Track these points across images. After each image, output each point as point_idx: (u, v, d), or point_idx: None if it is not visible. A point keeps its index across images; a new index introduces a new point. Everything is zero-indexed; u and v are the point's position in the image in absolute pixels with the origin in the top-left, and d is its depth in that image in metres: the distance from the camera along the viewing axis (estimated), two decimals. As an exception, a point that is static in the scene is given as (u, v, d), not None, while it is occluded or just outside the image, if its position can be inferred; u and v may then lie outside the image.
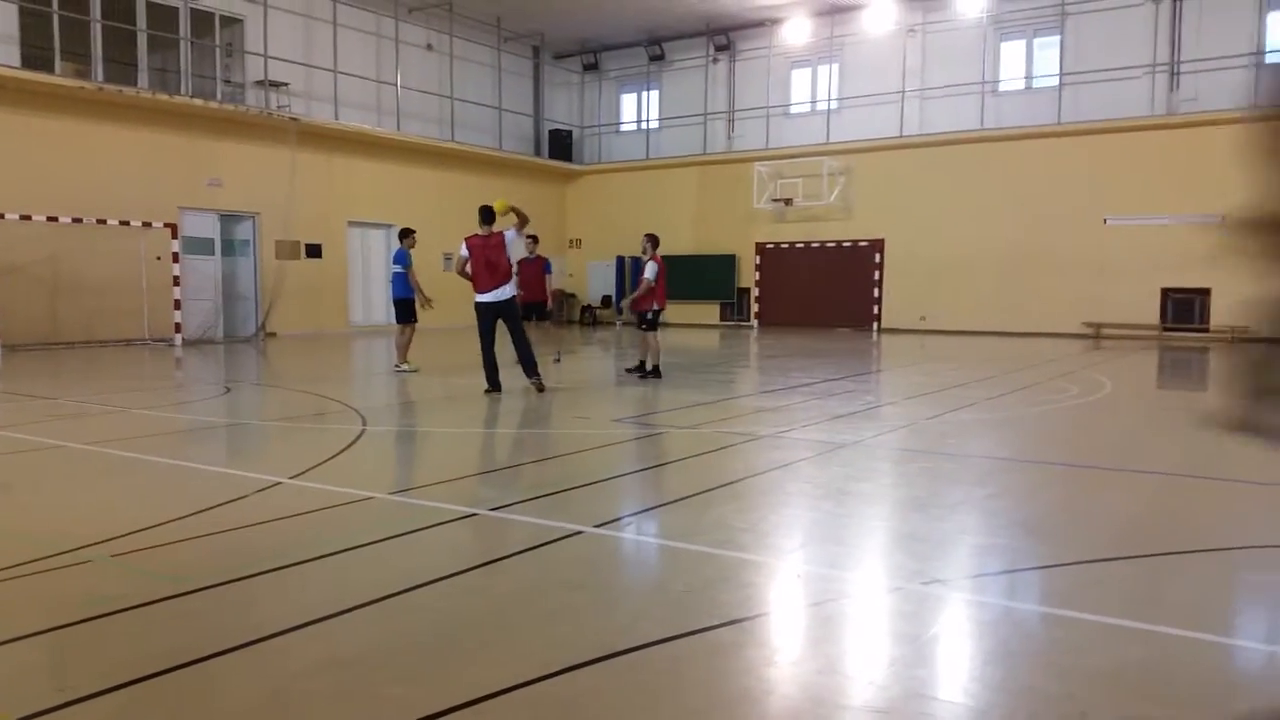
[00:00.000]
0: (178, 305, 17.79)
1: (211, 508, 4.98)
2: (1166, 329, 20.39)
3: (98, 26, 17.69)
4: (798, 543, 4.55)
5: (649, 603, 3.67)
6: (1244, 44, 19.63)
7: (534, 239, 13.52)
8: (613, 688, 2.86)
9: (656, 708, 2.71)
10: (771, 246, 25.39)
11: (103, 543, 4.29)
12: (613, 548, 4.47)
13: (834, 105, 24.65)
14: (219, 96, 19.42)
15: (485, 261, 10.03)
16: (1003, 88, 22.60)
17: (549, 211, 28.04)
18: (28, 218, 15.84)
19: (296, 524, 4.76)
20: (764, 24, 25.03)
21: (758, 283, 25.60)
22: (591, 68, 28.41)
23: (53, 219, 16.16)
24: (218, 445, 7.68)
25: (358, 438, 7.45)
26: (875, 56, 23.83)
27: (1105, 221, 20.81)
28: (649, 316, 11.84)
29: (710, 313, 26.56)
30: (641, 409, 9.46)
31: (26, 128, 16.42)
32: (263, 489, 5.49)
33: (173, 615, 3.45)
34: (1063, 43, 21.66)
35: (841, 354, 16.70)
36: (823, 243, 24.60)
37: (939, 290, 22.80)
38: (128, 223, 17.18)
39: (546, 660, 2.98)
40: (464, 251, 10.12)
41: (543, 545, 4.35)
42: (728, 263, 26.01)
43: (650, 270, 11.69)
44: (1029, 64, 22.44)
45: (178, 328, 17.79)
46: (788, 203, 24.47)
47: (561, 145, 28.04)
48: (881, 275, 23.82)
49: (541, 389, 10.12)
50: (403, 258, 12.80)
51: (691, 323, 26.48)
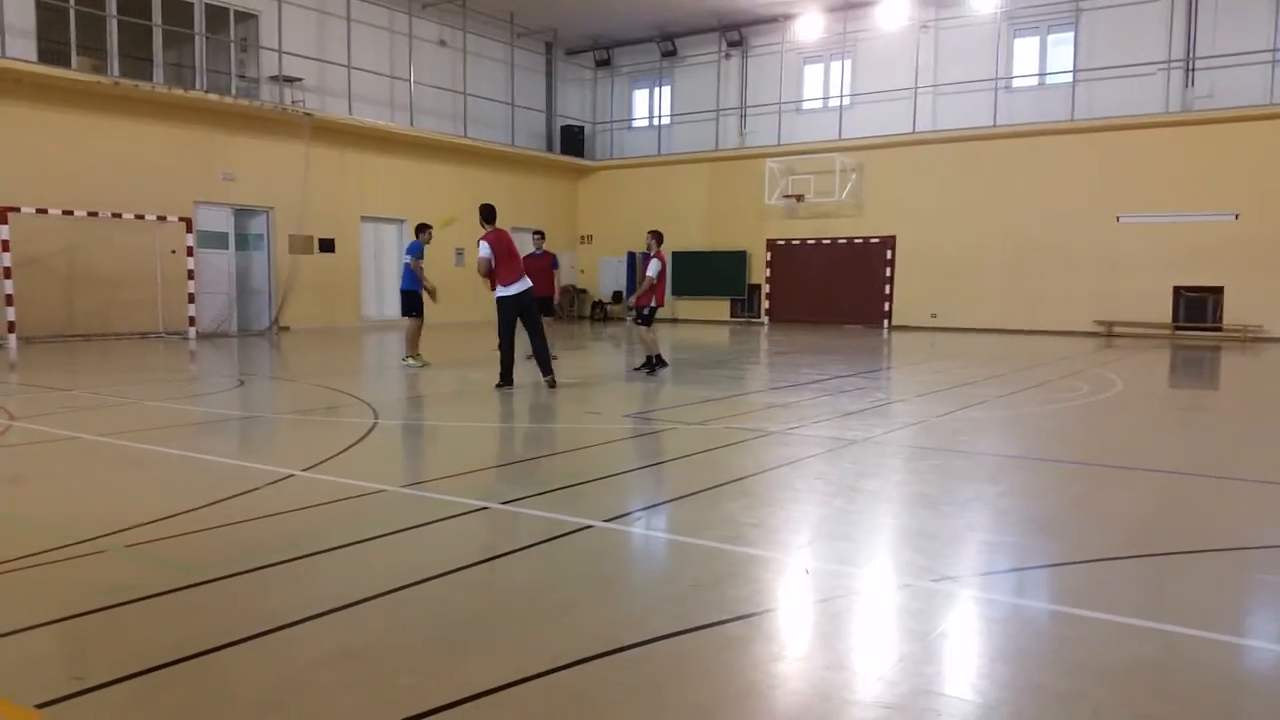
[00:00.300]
0: (192, 299, 17.91)
1: (224, 499, 5.02)
2: (1179, 328, 20.28)
3: (113, 21, 17.77)
4: (807, 539, 4.55)
5: (658, 597, 3.68)
6: (1261, 40, 19.47)
7: (540, 234, 13.53)
8: (621, 681, 2.88)
9: (665, 702, 2.72)
10: (783, 243, 25.34)
11: (117, 533, 4.33)
12: (622, 542, 4.49)
13: (846, 101, 24.57)
14: (234, 91, 19.51)
15: (506, 255, 10.12)
16: (1016, 84, 22.47)
17: (561, 207, 28.07)
18: (44, 211, 15.94)
19: (308, 516, 4.79)
20: (777, 20, 24.97)
21: (769, 279, 25.55)
22: (604, 64, 28.39)
23: (69, 212, 16.27)
24: (231, 438, 7.73)
25: (370, 431, 7.48)
26: (888, 52, 23.73)
27: (1118, 219, 20.70)
28: (645, 312, 11.92)
29: (721, 309, 26.54)
30: (651, 404, 9.48)
31: (44, 122, 16.53)
32: (275, 481, 5.53)
33: (186, 605, 3.48)
34: (1077, 39, 21.54)
35: (852, 351, 16.66)
36: (834, 239, 24.54)
37: (950, 287, 22.72)
38: (143, 216, 17.29)
39: (555, 653, 3.00)
40: (485, 250, 10.06)
41: (553, 539, 4.38)
42: (739, 259, 25.98)
43: (653, 268, 11.75)
44: (1043, 60, 22.32)
45: (192, 321, 17.91)
46: (799, 199, 24.41)
47: (574, 141, 28.02)
48: (893, 272, 23.75)
49: (553, 385, 10.17)
50: (415, 249, 12.84)
51: (702, 319, 26.47)
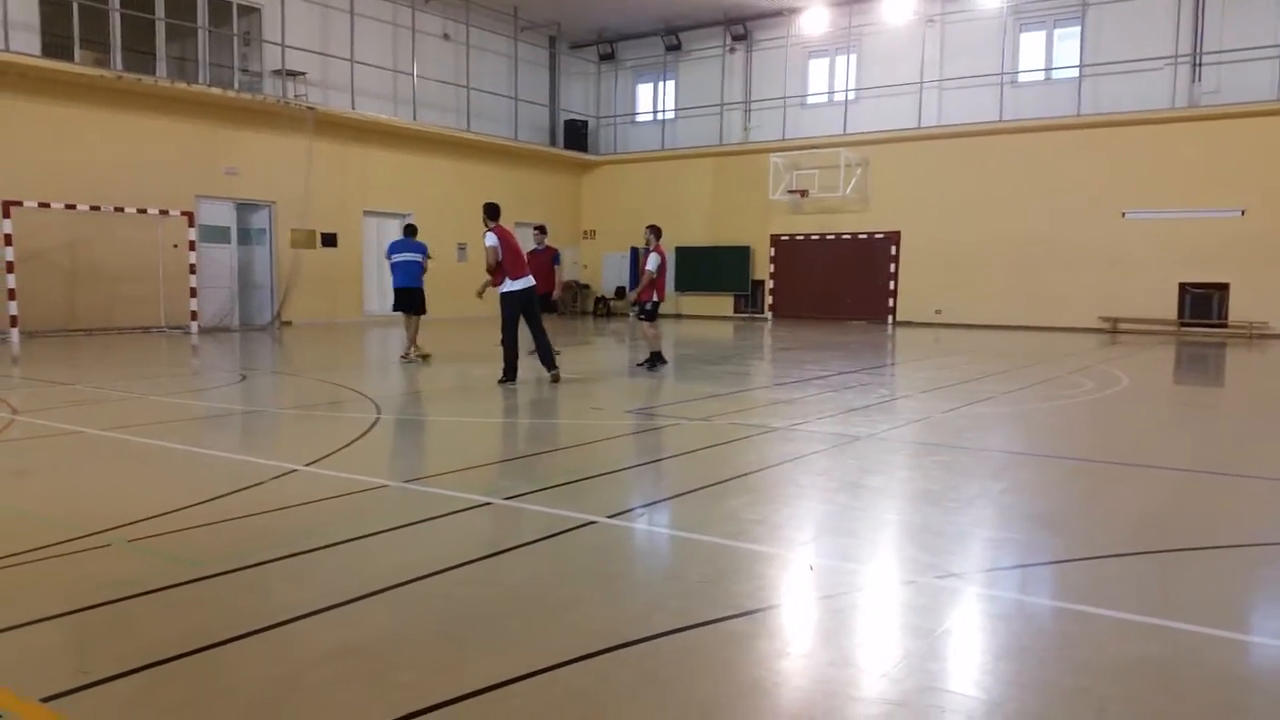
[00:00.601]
0: (194, 293, 17.91)
1: (228, 494, 5.02)
2: (1184, 324, 20.23)
3: (116, 15, 17.74)
4: (811, 535, 4.54)
5: (662, 593, 3.67)
6: (1268, 35, 19.37)
7: (542, 230, 13.52)
8: (625, 677, 2.87)
9: (668, 698, 2.71)
10: (787, 238, 25.30)
11: (121, 527, 4.33)
12: (625, 538, 4.48)
13: (851, 96, 24.49)
14: (236, 85, 19.48)
15: (514, 250, 10.16)
16: (1022, 79, 22.40)
17: (564, 202, 28.03)
18: (46, 205, 15.95)
19: (311, 511, 4.79)
20: (781, 14, 24.90)
21: (772, 275, 25.51)
22: (608, 57, 28.34)
23: (71, 206, 16.27)
24: (234, 432, 7.73)
25: (372, 426, 7.48)
26: (893, 47, 23.67)
27: (1124, 215, 20.64)
28: (648, 307, 11.89)
29: (724, 304, 26.50)
30: (654, 400, 9.47)
31: (46, 116, 16.52)
32: (278, 476, 5.53)
33: (189, 600, 3.48)
34: (1083, 33, 21.45)
35: (856, 347, 16.64)
36: (838, 234, 24.49)
37: (955, 283, 22.67)
38: (145, 211, 17.29)
39: (559, 649, 2.99)
40: (492, 240, 10.07)
41: (556, 535, 4.37)
42: (743, 254, 25.93)
43: (652, 262, 11.72)
44: (1049, 55, 22.24)
45: (194, 315, 17.91)
46: (804, 194, 24.35)
47: (577, 135, 27.97)
48: (897, 268, 23.70)
49: (557, 380, 10.17)
50: (424, 248, 12.95)
51: (706, 314, 26.44)
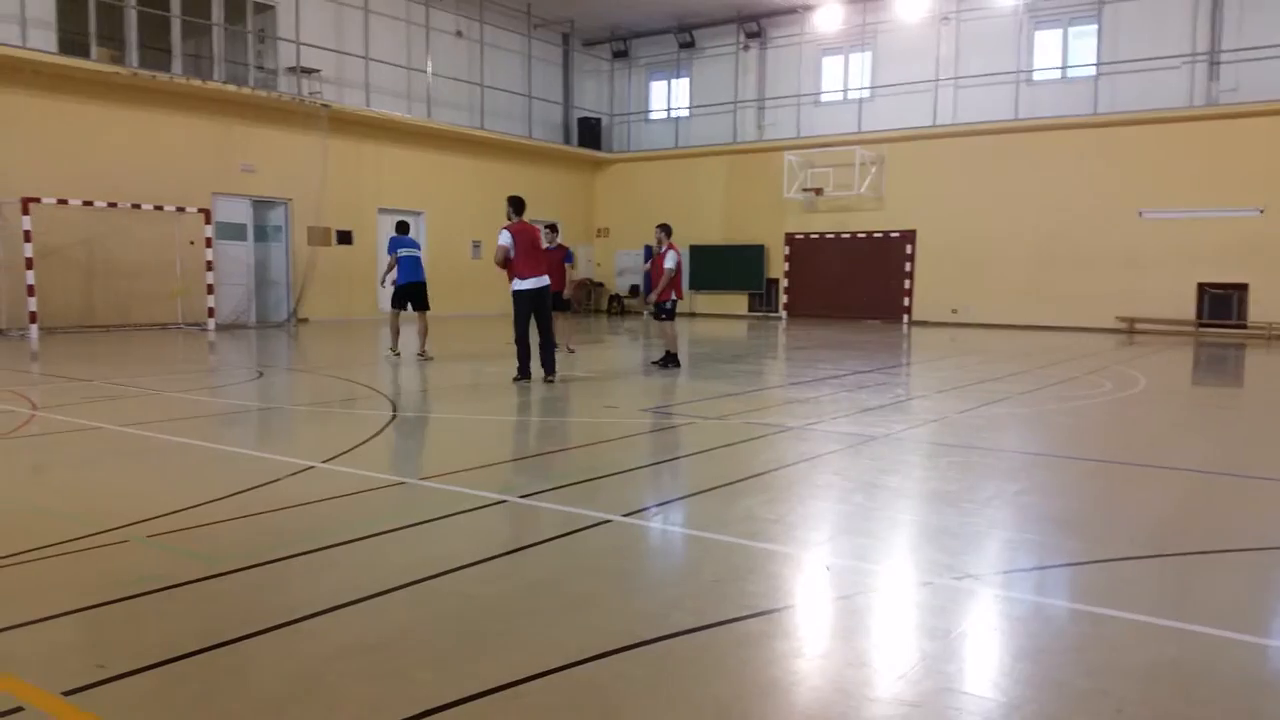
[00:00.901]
0: (211, 290, 18.01)
1: (245, 490, 5.04)
2: (1202, 325, 20.06)
3: (132, 12, 17.85)
4: (827, 535, 4.53)
5: (677, 592, 3.67)
6: (1288, 33, 19.21)
7: (553, 228, 13.51)
8: (641, 676, 2.87)
9: (684, 697, 2.71)
10: (801, 237, 25.22)
11: (139, 523, 4.36)
12: (641, 537, 4.48)
13: (866, 94, 24.39)
14: (251, 83, 19.57)
15: (528, 249, 10.05)
16: (1038, 77, 22.25)
17: (577, 200, 28.04)
18: (64, 202, 16.06)
19: (328, 508, 4.81)
20: (795, 11, 24.82)
21: (787, 273, 25.44)
22: (621, 55, 28.31)
23: (88, 203, 16.38)
24: (251, 429, 7.77)
25: (388, 423, 7.51)
26: (908, 44, 23.55)
27: (1140, 214, 20.48)
28: (668, 306, 11.83)
29: (739, 303, 26.45)
30: (669, 399, 9.46)
31: (63, 113, 16.63)
32: (295, 473, 5.55)
33: (206, 596, 3.50)
34: (1100, 31, 21.29)
35: (871, 346, 16.59)
36: (853, 233, 24.41)
37: (971, 283, 22.55)
38: (162, 208, 17.38)
39: (575, 647, 3.00)
40: (505, 239, 9.92)
41: (572, 533, 4.37)
42: (757, 253, 25.87)
43: (670, 259, 11.64)
44: (1065, 53, 22.07)
45: (211, 312, 18.01)
46: (818, 193, 24.28)
47: (590, 133, 27.96)
48: (912, 267, 23.59)
49: (552, 384, 10.02)
50: (418, 245, 13.03)
51: (720, 313, 26.40)
